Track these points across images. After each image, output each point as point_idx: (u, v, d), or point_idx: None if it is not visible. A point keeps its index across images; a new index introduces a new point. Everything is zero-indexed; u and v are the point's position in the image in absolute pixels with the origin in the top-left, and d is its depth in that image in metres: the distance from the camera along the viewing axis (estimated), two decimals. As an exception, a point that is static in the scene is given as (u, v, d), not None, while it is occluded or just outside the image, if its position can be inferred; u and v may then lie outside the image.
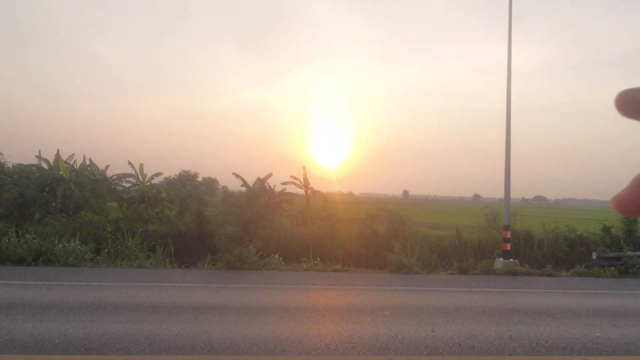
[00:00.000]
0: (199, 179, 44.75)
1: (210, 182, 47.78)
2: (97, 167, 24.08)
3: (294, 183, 25.50)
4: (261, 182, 24.00)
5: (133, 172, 23.49)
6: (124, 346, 4.91)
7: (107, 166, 25.06)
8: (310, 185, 25.57)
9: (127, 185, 24.16)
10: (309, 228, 22.30)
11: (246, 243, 11.86)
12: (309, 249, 14.76)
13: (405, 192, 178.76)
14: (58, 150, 22.57)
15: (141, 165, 23.52)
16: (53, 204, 19.76)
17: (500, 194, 13.25)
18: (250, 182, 24.78)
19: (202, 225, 19.19)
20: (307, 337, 5.48)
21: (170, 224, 19.43)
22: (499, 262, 11.73)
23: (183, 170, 42.99)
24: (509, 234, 12.32)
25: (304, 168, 26.12)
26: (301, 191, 26.36)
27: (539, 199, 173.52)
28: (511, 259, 11.96)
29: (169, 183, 33.07)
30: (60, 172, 20.98)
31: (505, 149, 12.71)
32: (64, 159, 22.22)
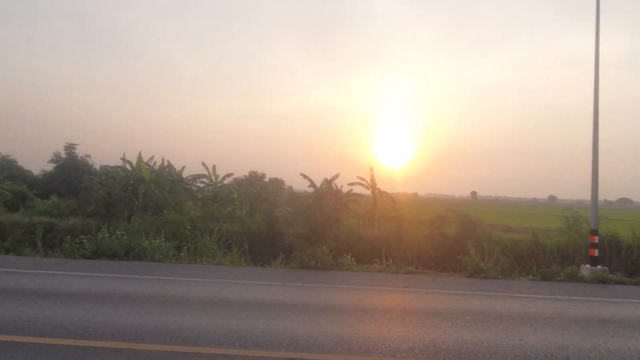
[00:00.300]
0: (266, 179, 46.02)
1: (277, 183, 48.97)
2: (174, 168, 25.59)
3: (361, 184, 25.52)
4: (328, 182, 24.24)
5: (207, 173, 24.68)
6: (215, 339, 5.17)
7: (183, 167, 26.55)
8: (377, 186, 25.48)
9: (201, 185, 25.43)
10: (376, 229, 22.19)
11: (318, 243, 12.02)
12: (376, 250, 14.71)
13: (474, 193, 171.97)
14: (140, 153, 24.26)
15: (214, 167, 24.68)
16: (135, 203, 21.21)
17: (578, 195, 12.57)
18: (317, 182, 25.09)
19: (272, 225, 19.65)
20: (389, 339, 5.46)
21: (242, 224, 20.09)
22: (586, 269, 10.98)
23: (251, 171, 44.42)
24: (596, 239, 11.50)
25: (371, 169, 26.09)
26: (367, 192, 26.32)
27: (624, 201, 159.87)
28: (599, 266, 11.16)
29: (239, 183, 34.32)
30: (142, 173, 22.47)
31: (592, 147, 11.88)
32: (145, 161, 23.81)
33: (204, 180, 24.92)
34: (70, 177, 35.79)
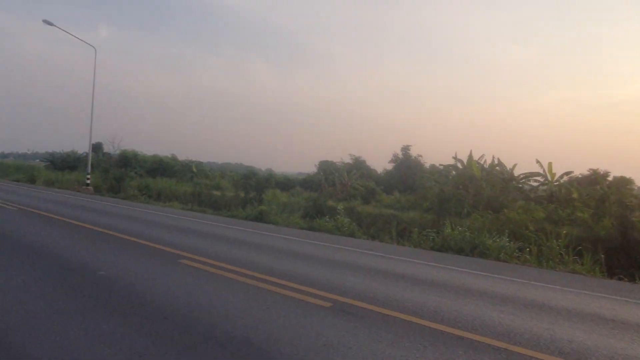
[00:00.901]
0: (609, 178, 38.94)
1: (623, 182, 40.72)
2: (505, 166, 24.91)
3: None
4: None
5: (541, 171, 22.94)
6: (599, 358, 4.62)
7: (514, 165, 25.54)
8: None
9: (534, 184, 23.82)
10: None
11: None
12: None
13: None
14: (470, 152, 24.82)
15: (550, 164, 22.68)
16: (466, 200, 21.77)
17: None
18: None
19: (627, 231, 16.57)
20: None
21: (586, 228, 17.74)
22: None
23: (590, 168, 38.44)
24: None
25: None
26: None
27: None
28: None
29: (577, 182, 30.34)
30: (473, 172, 22.87)
31: None
32: (476, 159, 24.15)
33: (538, 179, 23.24)
34: (406, 175, 40.09)
